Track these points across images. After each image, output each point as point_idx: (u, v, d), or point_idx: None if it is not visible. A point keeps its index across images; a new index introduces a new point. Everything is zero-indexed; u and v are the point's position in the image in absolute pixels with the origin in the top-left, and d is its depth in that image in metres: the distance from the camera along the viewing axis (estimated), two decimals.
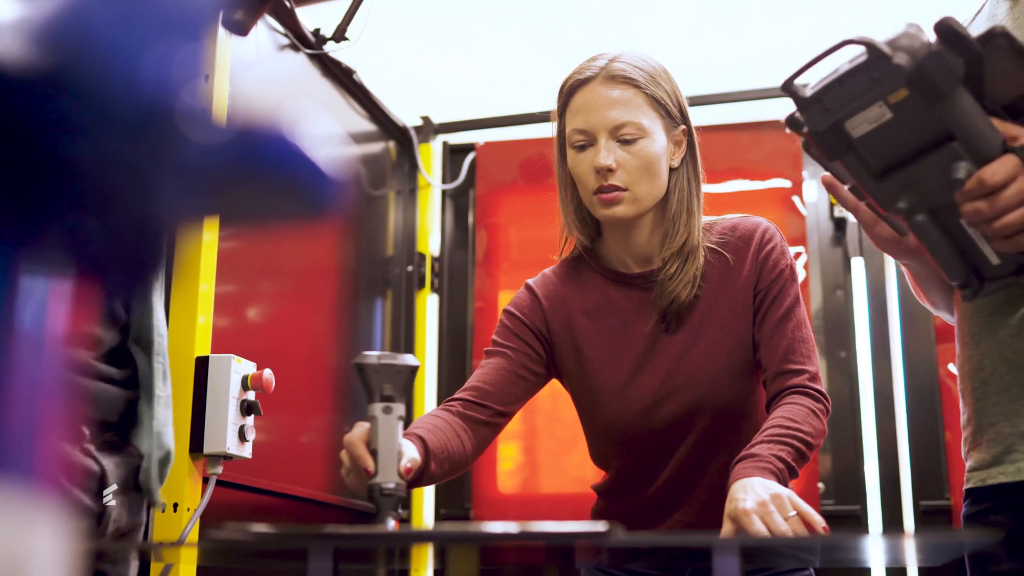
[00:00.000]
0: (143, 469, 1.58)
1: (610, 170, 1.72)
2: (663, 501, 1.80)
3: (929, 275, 1.56)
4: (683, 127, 1.80)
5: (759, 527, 1.42)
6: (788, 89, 1.28)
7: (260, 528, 0.94)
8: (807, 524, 1.45)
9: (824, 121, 1.27)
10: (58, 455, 0.36)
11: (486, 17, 3.16)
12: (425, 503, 3.33)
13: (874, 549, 1.30)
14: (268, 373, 2.14)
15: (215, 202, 0.33)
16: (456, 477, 3.21)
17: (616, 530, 0.87)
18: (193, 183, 0.31)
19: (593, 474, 3.30)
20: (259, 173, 0.34)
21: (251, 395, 2.14)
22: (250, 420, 2.13)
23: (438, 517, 3.35)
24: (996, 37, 1.19)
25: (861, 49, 1.20)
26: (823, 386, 1.73)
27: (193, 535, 1.97)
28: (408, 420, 1.47)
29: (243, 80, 1.55)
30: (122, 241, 0.31)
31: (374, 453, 1.31)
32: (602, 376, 1.79)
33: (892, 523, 3.01)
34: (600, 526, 0.86)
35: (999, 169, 1.19)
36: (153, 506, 1.61)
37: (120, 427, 1.57)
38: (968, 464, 1.48)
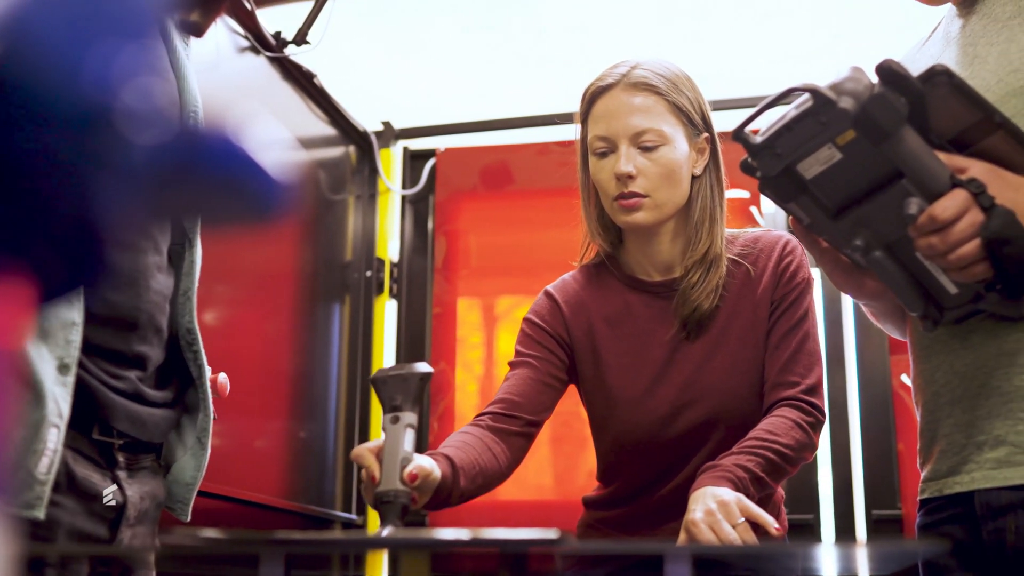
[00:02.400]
0: (184, 485, 1.55)
1: (630, 177, 1.72)
2: (663, 509, 1.79)
3: (887, 311, 1.58)
4: (706, 135, 1.80)
5: (707, 536, 1.43)
6: (739, 137, 1.30)
7: (210, 533, 0.93)
8: (758, 528, 1.46)
9: (776, 166, 1.29)
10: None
11: (448, 24, 3.16)
12: None
13: (826, 558, 1.31)
14: (223, 377, 2.12)
15: (157, 205, 0.33)
16: None
17: (568, 537, 0.87)
18: (134, 185, 0.31)
19: (552, 481, 3.31)
20: (202, 176, 0.33)
21: None
22: None
23: None
24: (937, 75, 1.22)
25: (807, 95, 1.23)
26: (823, 399, 1.74)
27: None
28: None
29: (201, 82, 1.54)
30: (60, 244, 0.31)
31: (382, 463, 1.30)
32: (620, 383, 1.78)
33: (845, 532, 3.03)
34: (552, 533, 0.86)
35: (949, 204, 1.22)
36: (185, 519, 1.58)
37: (161, 448, 1.55)
38: (923, 475, 1.49)
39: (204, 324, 2.50)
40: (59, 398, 1.24)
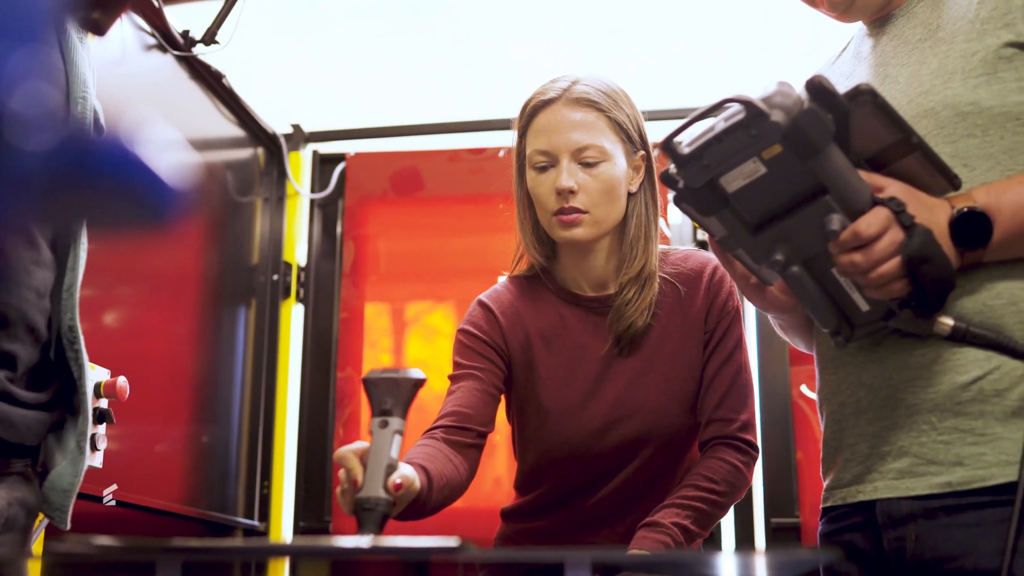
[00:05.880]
0: (61, 491, 1.48)
1: (571, 192, 1.72)
2: (585, 521, 1.80)
3: (795, 324, 1.61)
4: (642, 152, 1.81)
5: None
6: (668, 148, 1.29)
7: (104, 540, 0.91)
8: None
9: (701, 177, 1.29)
10: None
11: (362, 27, 3.14)
12: (284, 514, 3.27)
13: (726, 566, 1.33)
14: (122, 380, 2.08)
15: (44, 210, 0.32)
16: (316, 489, 3.14)
17: (469, 545, 0.87)
18: (20, 191, 0.30)
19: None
20: (92, 181, 0.32)
21: (104, 403, 2.08)
22: (102, 429, 2.06)
23: (297, 529, 3.29)
24: (862, 94, 1.23)
25: (738, 107, 1.23)
26: (755, 434, 1.79)
27: (37, 547, 1.90)
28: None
29: (106, 79, 1.51)
30: None
31: (366, 467, 1.26)
32: (554, 397, 1.79)
33: (744, 540, 3.08)
34: (452, 540, 0.86)
35: (873, 221, 1.23)
36: (64, 527, 1.50)
37: (37, 452, 1.47)
38: (826, 483, 1.52)
39: (106, 326, 2.46)
40: None
